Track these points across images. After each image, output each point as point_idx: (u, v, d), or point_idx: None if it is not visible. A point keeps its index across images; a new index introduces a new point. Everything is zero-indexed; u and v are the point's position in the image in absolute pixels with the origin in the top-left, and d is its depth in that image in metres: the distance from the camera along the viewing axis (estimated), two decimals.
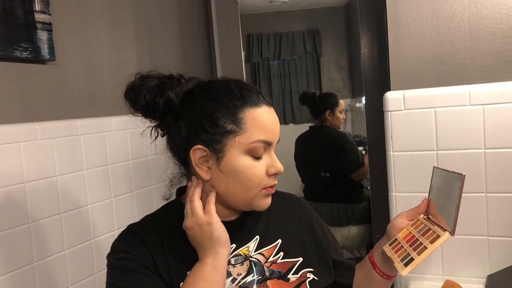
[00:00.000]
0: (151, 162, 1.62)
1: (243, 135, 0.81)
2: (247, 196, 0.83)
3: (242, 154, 0.81)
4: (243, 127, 0.81)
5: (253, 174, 0.81)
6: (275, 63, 4.89)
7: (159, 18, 1.76)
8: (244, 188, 0.82)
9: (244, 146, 0.81)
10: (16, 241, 1.11)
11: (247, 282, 0.85)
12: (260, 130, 0.81)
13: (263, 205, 0.86)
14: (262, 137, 0.81)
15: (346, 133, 2.83)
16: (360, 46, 1.59)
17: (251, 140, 0.80)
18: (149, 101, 0.83)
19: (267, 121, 0.82)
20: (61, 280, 1.23)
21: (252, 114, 0.81)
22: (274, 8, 4.62)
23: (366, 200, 2.69)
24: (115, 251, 0.86)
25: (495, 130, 1.25)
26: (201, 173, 0.83)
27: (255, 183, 0.82)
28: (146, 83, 0.84)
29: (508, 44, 1.27)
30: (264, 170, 0.82)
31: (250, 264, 0.87)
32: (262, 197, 0.84)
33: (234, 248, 0.87)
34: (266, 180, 0.83)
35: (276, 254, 0.90)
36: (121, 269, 0.82)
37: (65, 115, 1.30)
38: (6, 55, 1.12)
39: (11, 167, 1.11)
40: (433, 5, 1.33)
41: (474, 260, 1.30)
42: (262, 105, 0.83)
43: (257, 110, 0.82)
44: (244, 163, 0.81)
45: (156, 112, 0.85)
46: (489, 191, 1.27)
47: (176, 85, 0.85)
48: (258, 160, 0.82)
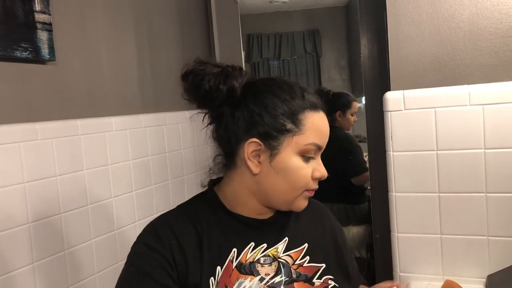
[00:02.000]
0: (151, 162, 1.62)
1: (300, 135, 0.83)
2: (291, 195, 0.85)
3: (295, 154, 0.83)
4: (302, 128, 0.83)
5: (302, 175, 0.83)
6: (275, 63, 4.89)
7: (159, 18, 1.76)
8: (291, 187, 0.84)
9: (300, 146, 0.83)
10: (16, 241, 1.11)
11: (275, 282, 0.85)
12: (316, 134, 0.84)
13: (302, 206, 0.88)
14: (316, 140, 0.84)
15: (353, 136, 2.79)
16: (360, 46, 1.59)
17: (307, 142, 0.83)
18: (213, 87, 0.82)
19: (322, 126, 0.85)
20: (62, 280, 1.23)
21: (311, 117, 0.84)
22: (274, 8, 4.63)
23: (367, 201, 2.69)
24: (139, 241, 0.84)
25: (495, 130, 1.25)
26: (252, 166, 0.83)
27: (302, 184, 0.84)
28: (208, 69, 0.83)
29: (508, 44, 1.27)
30: (310, 172, 0.85)
31: (279, 265, 0.87)
32: (303, 198, 0.87)
33: (265, 247, 0.88)
34: (310, 182, 0.85)
35: (302, 258, 0.90)
36: (137, 269, 0.80)
37: (65, 115, 1.30)
38: (6, 55, 1.12)
39: (11, 167, 1.11)
40: (433, 5, 1.33)
41: (474, 260, 1.30)
42: (320, 110, 0.86)
43: (316, 114, 0.85)
44: (296, 163, 0.83)
45: (216, 100, 0.84)
46: (489, 191, 1.27)
47: (238, 76, 0.85)
48: (307, 163, 0.84)
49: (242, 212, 0.88)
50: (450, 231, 1.32)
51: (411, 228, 1.36)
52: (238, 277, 0.83)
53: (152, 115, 1.63)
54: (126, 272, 0.82)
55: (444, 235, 1.33)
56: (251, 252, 0.86)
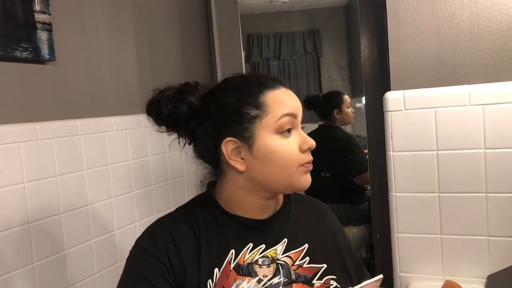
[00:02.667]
0: (151, 162, 1.62)
1: (268, 116, 0.82)
2: (286, 176, 0.84)
3: (271, 134, 0.83)
4: (266, 109, 0.83)
5: (287, 152, 0.83)
6: (275, 63, 4.89)
7: (159, 18, 1.76)
8: (282, 169, 0.83)
9: (272, 126, 0.82)
10: (17, 241, 1.11)
11: (273, 284, 0.84)
12: (282, 107, 0.83)
13: (304, 182, 0.86)
14: (285, 111, 0.83)
15: (354, 135, 2.79)
16: (360, 46, 1.59)
17: (276, 118, 0.82)
18: (171, 109, 0.86)
19: (286, 97, 0.85)
20: (62, 280, 1.23)
21: (272, 95, 0.84)
22: (274, 8, 4.63)
23: (367, 201, 2.68)
24: (136, 246, 0.85)
25: (495, 130, 1.25)
26: (236, 165, 0.84)
27: (291, 161, 0.83)
28: (165, 94, 0.88)
29: (508, 44, 1.27)
30: (296, 147, 0.84)
31: (277, 267, 0.86)
32: (301, 174, 0.85)
33: (264, 248, 0.87)
34: (301, 156, 0.84)
35: (302, 259, 0.89)
36: (135, 274, 0.81)
37: (65, 115, 1.30)
38: (6, 55, 1.12)
39: (11, 167, 1.11)
40: (433, 5, 1.33)
41: (474, 260, 1.30)
42: (281, 87, 0.86)
43: (276, 91, 0.84)
44: (276, 143, 0.82)
45: (179, 119, 0.87)
46: (489, 191, 1.27)
47: (193, 90, 0.88)
48: (288, 138, 0.83)
49: (240, 213, 0.88)
50: (450, 231, 1.32)
51: (411, 228, 1.36)
52: (236, 278, 0.83)
53: None
54: (124, 276, 0.83)
55: (444, 235, 1.33)
56: (249, 253, 0.86)
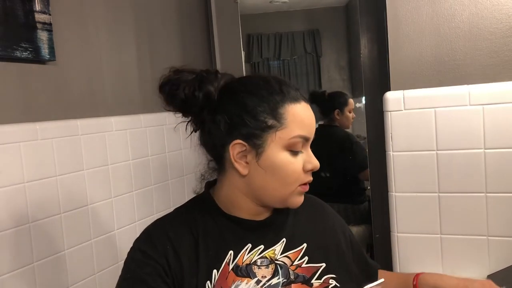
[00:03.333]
0: (151, 162, 1.62)
1: (283, 130, 0.81)
2: (284, 192, 0.83)
3: (281, 149, 0.81)
4: (284, 122, 0.81)
5: (291, 169, 0.82)
6: (275, 63, 4.89)
7: (159, 18, 1.76)
8: (282, 184, 0.82)
9: (284, 141, 0.81)
10: (17, 241, 1.11)
11: (272, 284, 0.84)
12: (299, 125, 0.82)
13: (297, 203, 0.86)
14: (301, 132, 0.82)
15: (354, 134, 2.80)
16: (360, 46, 1.59)
17: (291, 135, 0.81)
18: (188, 94, 0.83)
19: (305, 117, 0.83)
20: (62, 280, 1.23)
21: (292, 109, 0.82)
22: (274, 8, 4.62)
23: (367, 201, 2.69)
24: (134, 248, 0.84)
25: (495, 130, 1.25)
26: (239, 168, 0.83)
27: (293, 179, 0.82)
28: (183, 77, 0.84)
29: (508, 44, 1.27)
30: (301, 166, 0.83)
31: (276, 267, 0.86)
32: (297, 194, 0.85)
33: (262, 249, 0.86)
34: (302, 176, 0.83)
35: (301, 258, 0.89)
36: (133, 276, 0.80)
37: (65, 115, 1.31)
38: (6, 55, 1.12)
39: (11, 167, 1.11)
40: (433, 5, 1.33)
41: (474, 260, 1.30)
42: (301, 101, 0.84)
43: (297, 105, 0.82)
44: (283, 159, 0.81)
45: (194, 107, 0.85)
46: (489, 191, 1.27)
47: (214, 80, 0.85)
48: (296, 156, 0.82)
49: (238, 214, 0.87)
50: (450, 231, 1.32)
51: (411, 228, 1.36)
52: (235, 279, 0.82)
53: (152, 115, 1.63)
54: (122, 279, 0.82)
55: (444, 235, 1.33)
56: (248, 254, 0.85)
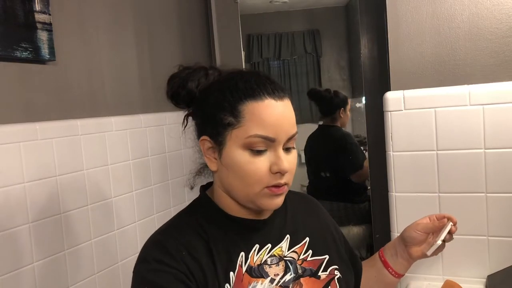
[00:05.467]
0: (151, 162, 1.62)
1: (240, 128, 0.78)
2: (248, 193, 0.80)
3: (239, 148, 0.78)
4: (241, 120, 0.77)
5: (251, 170, 0.77)
6: (275, 63, 4.88)
7: (159, 18, 1.76)
8: (244, 184, 0.79)
9: (241, 140, 0.77)
10: (16, 241, 1.11)
11: (286, 281, 0.84)
12: (258, 125, 0.77)
13: (268, 205, 0.81)
14: (260, 132, 0.77)
15: (351, 134, 2.82)
16: (360, 46, 1.59)
17: (248, 135, 0.77)
18: (174, 90, 0.87)
19: (267, 116, 0.77)
20: (62, 280, 1.23)
21: (252, 107, 0.77)
22: (274, 8, 4.62)
23: (367, 200, 2.69)
24: (147, 260, 0.78)
25: (495, 130, 1.25)
26: (209, 163, 0.84)
27: (254, 180, 0.78)
28: (180, 73, 0.88)
29: (508, 44, 1.27)
30: (266, 167, 0.78)
31: (286, 264, 0.86)
32: (265, 196, 0.80)
33: (270, 248, 0.86)
34: (268, 178, 0.78)
35: (305, 252, 0.90)
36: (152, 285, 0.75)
37: (65, 115, 1.30)
38: (6, 55, 1.12)
39: (11, 167, 1.11)
40: (433, 5, 1.33)
41: (474, 260, 1.30)
42: (266, 99, 0.78)
43: (258, 103, 0.77)
44: (242, 158, 0.78)
45: (181, 103, 0.88)
46: (489, 191, 1.27)
47: (202, 76, 0.86)
48: (259, 156, 0.78)
49: (239, 214, 0.86)
50: None
51: None
52: (250, 281, 0.81)
53: (152, 115, 1.63)
54: None
55: None
56: (257, 254, 0.85)
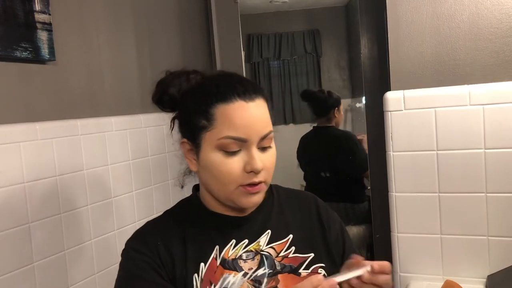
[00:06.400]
0: (151, 162, 1.62)
1: (213, 131, 0.81)
2: (225, 192, 0.83)
3: (213, 150, 0.82)
4: (213, 123, 0.81)
5: (225, 170, 0.81)
6: (275, 63, 4.88)
7: (159, 18, 1.76)
8: (220, 184, 0.83)
9: (214, 142, 0.81)
10: (17, 241, 1.11)
11: (258, 275, 0.86)
12: (229, 126, 0.80)
13: (245, 203, 0.84)
14: (231, 133, 0.80)
15: (352, 133, 2.80)
16: (360, 46, 1.59)
17: (219, 137, 0.80)
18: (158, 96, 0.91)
19: (238, 117, 0.80)
20: (62, 280, 1.23)
21: (223, 110, 0.81)
22: (274, 8, 4.62)
23: (367, 200, 2.68)
24: (127, 248, 0.87)
25: (495, 130, 1.25)
26: (190, 165, 0.89)
27: (228, 180, 0.81)
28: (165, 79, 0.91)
29: (508, 44, 1.27)
30: (240, 166, 0.81)
31: (261, 258, 0.88)
32: (241, 195, 0.83)
33: (247, 243, 0.88)
34: (242, 177, 0.81)
35: (287, 249, 0.90)
36: (129, 274, 0.84)
37: (65, 115, 1.30)
38: (6, 55, 1.12)
39: (11, 167, 1.11)
40: (433, 5, 1.33)
41: (474, 260, 1.30)
42: (236, 101, 0.81)
43: (229, 106, 0.81)
44: (215, 159, 0.81)
45: (166, 108, 0.92)
46: (489, 191, 1.27)
47: (183, 81, 0.90)
48: (232, 156, 0.81)
49: (221, 210, 0.89)
50: (450, 231, 1.32)
51: (411, 228, 1.36)
52: (223, 272, 0.84)
53: (152, 115, 1.63)
54: (119, 278, 0.86)
55: (444, 235, 1.33)
56: (232, 249, 0.87)
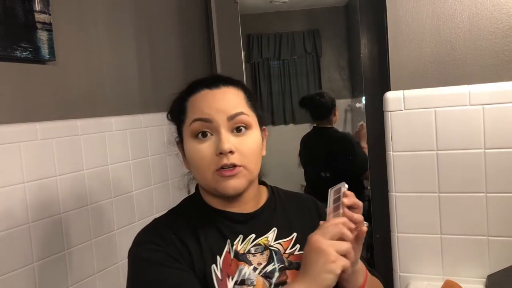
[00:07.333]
0: (151, 162, 1.62)
1: (186, 121, 0.87)
2: (205, 180, 0.86)
3: (189, 139, 0.86)
4: (186, 114, 0.88)
5: (199, 156, 0.85)
6: (275, 63, 4.88)
7: (159, 19, 1.76)
8: (199, 173, 0.86)
9: (188, 131, 0.86)
10: (16, 241, 1.11)
11: (268, 271, 0.86)
12: (195, 111, 0.86)
13: (224, 189, 0.84)
14: (196, 115, 0.85)
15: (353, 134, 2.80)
16: (360, 46, 1.59)
17: (189, 123, 0.86)
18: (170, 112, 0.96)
19: (202, 102, 0.86)
20: (62, 280, 1.23)
21: (192, 100, 0.88)
22: (274, 8, 4.62)
23: (367, 200, 2.68)
24: (141, 242, 0.86)
25: (495, 130, 1.25)
26: (184, 164, 0.93)
27: (203, 166, 0.84)
28: None
29: (508, 44, 1.27)
30: (211, 151, 0.84)
31: (271, 254, 0.89)
32: (219, 180, 0.84)
33: (254, 237, 0.89)
34: (214, 161, 0.83)
35: (293, 247, 0.91)
36: (148, 262, 0.82)
37: (65, 115, 1.30)
38: (6, 55, 1.12)
39: (11, 167, 1.11)
40: (433, 5, 1.33)
41: (474, 260, 1.30)
42: (202, 90, 0.88)
43: (196, 95, 0.87)
44: (191, 147, 0.86)
45: None
46: (489, 191, 1.27)
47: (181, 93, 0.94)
48: (203, 143, 0.85)
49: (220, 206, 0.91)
50: (450, 231, 1.32)
51: (411, 228, 1.36)
52: (238, 264, 0.85)
53: (152, 115, 1.63)
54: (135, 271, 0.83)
55: (444, 235, 1.33)
56: (241, 244, 0.88)
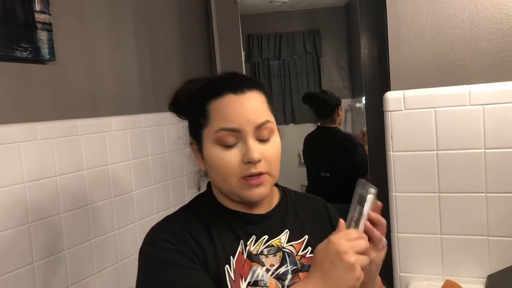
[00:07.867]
0: (151, 162, 1.62)
1: (209, 127, 0.84)
2: (228, 186, 0.84)
3: (212, 144, 0.84)
4: (209, 119, 0.84)
5: (224, 163, 0.82)
6: (275, 63, 4.88)
7: (159, 19, 1.76)
8: (222, 178, 0.84)
9: (211, 137, 0.83)
10: (17, 241, 1.11)
11: (280, 273, 0.86)
12: (222, 119, 0.82)
13: (249, 196, 0.84)
14: (223, 125, 0.82)
15: (353, 134, 2.79)
16: (360, 46, 1.59)
17: (214, 130, 0.83)
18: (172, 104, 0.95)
19: (228, 109, 0.83)
20: (62, 280, 1.23)
21: (215, 105, 0.84)
22: (274, 8, 4.62)
23: None
24: (154, 240, 0.84)
25: (495, 130, 1.25)
26: (198, 164, 0.90)
27: (229, 172, 0.82)
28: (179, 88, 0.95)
29: (508, 44, 1.27)
30: (238, 159, 0.82)
31: (283, 255, 0.88)
32: (244, 187, 0.83)
33: (267, 239, 0.89)
34: (241, 169, 0.82)
35: (304, 249, 0.91)
36: (161, 261, 0.80)
37: (65, 115, 1.30)
38: (6, 55, 1.12)
39: (11, 167, 1.11)
40: (433, 5, 1.33)
41: (474, 260, 1.30)
42: (226, 95, 0.84)
43: (220, 100, 0.84)
44: (215, 154, 0.83)
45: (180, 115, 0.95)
46: (489, 191, 1.27)
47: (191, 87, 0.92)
48: (230, 149, 0.82)
49: (234, 207, 0.90)
50: (450, 231, 1.32)
51: (411, 228, 1.36)
52: (251, 266, 0.85)
53: (152, 115, 1.63)
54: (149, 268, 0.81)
55: (444, 235, 1.33)
56: (254, 245, 0.87)
